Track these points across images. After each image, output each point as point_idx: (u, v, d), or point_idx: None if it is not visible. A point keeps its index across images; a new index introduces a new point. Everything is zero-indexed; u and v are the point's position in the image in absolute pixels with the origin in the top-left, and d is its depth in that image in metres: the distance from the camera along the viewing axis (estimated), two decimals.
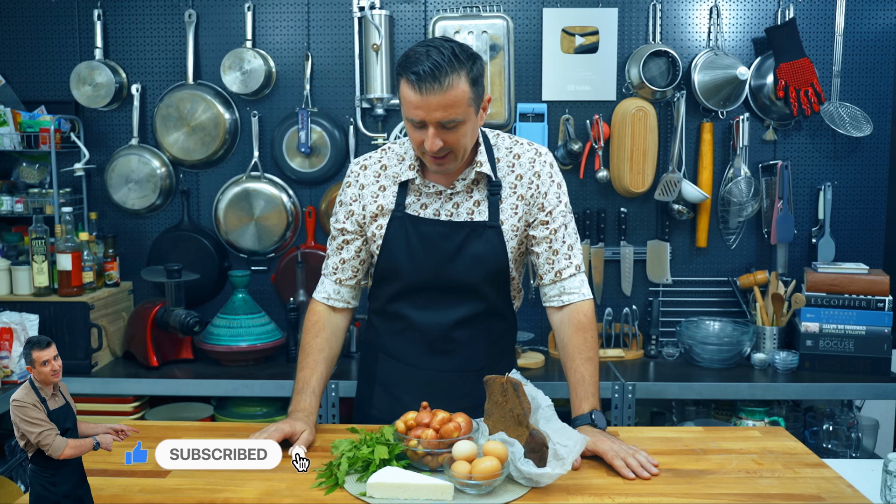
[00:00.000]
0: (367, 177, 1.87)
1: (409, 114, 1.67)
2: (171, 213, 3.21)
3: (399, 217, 1.82)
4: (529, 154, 1.85)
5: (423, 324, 1.85)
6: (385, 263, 1.84)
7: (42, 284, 2.82)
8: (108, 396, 2.80)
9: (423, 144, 1.68)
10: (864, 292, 2.84)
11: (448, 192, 1.82)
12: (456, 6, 3.08)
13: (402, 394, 1.87)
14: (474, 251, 1.80)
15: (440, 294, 1.83)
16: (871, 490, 1.59)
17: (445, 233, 1.80)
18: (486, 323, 1.88)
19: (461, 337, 1.85)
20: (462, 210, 1.81)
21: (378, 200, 1.84)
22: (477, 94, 1.68)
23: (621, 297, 3.15)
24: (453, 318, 1.84)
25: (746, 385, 2.74)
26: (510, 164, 1.83)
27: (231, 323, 2.89)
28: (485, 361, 1.89)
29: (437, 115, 1.63)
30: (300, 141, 3.04)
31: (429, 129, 1.65)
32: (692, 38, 3.08)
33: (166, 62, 3.15)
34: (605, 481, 1.53)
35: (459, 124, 1.66)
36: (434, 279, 1.82)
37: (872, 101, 3.08)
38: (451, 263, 1.80)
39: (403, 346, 1.89)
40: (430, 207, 1.82)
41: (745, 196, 3.02)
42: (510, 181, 1.83)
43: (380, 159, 1.88)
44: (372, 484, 1.45)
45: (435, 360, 1.87)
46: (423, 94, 1.61)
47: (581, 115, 3.09)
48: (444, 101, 1.61)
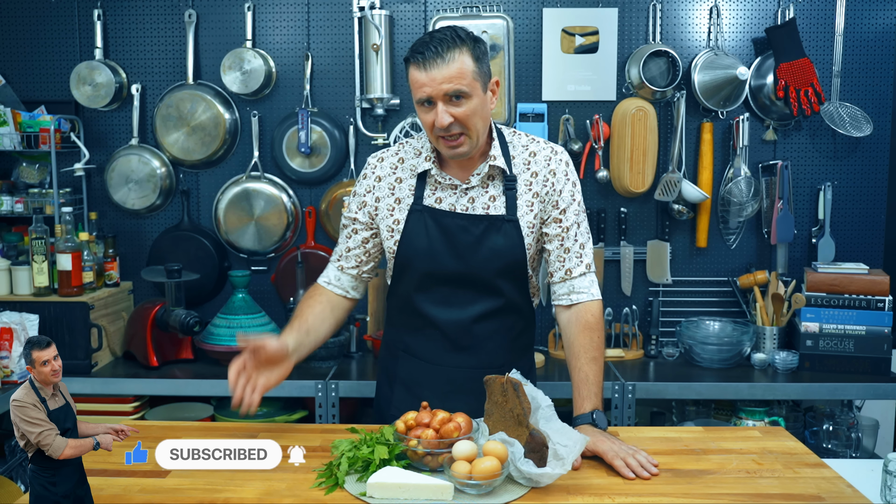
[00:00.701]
0: (383, 168, 1.89)
1: (417, 95, 1.72)
2: (171, 213, 3.21)
3: (418, 210, 1.83)
4: (546, 152, 1.86)
5: (443, 320, 1.85)
6: (404, 257, 1.85)
7: (42, 284, 2.82)
8: (108, 396, 2.80)
9: (435, 124, 1.72)
10: (864, 292, 2.84)
11: (463, 186, 1.83)
12: (456, 6, 3.08)
13: (424, 392, 1.86)
14: (492, 244, 1.81)
15: (459, 288, 1.84)
16: (871, 490, 1.59)
17: (464, 225, 1.81)
18: (506, 319, 1.88)
19: (481, 332, 1.86)
20: (478, 205, 1.83)
21: (395, 193, 1.86)
22: (481, 70, 1.74)
23: (621, 297, 3.15)
24: (473, 313, 1.84)
25: (746, 385, 2.74)
26: (526, 162, 1.85)
27: (231, 323, 2.89)
28: (506, 358, 1.89)
29: (443, 88, 1.68)
30: (300, 141, 3.04)
31: (437, 105, 1.70)
32: (692, 38, 3.08)
33: (166, 62, 3.15)
34: (605, 481, 1.53)
35: (466, 97, 1.71)
36: (453, 272, 1.82)
37: (872, 101, 3.08)
38: (470, 256, 1.81)
39: (424, 343, 1.89)
40: (445, 202, 1.83)
41: (745, 196, 3.02)
42: (526, 178, 1.84)
43: (397, 152, 1.91)
44: (372, 484, 1.45)
45: (456, 357, 1.87)
46: (427, 70, 1.68)
47: (581, 115, 3.09)
48: (448, 72, 1.68)
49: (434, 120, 1.71)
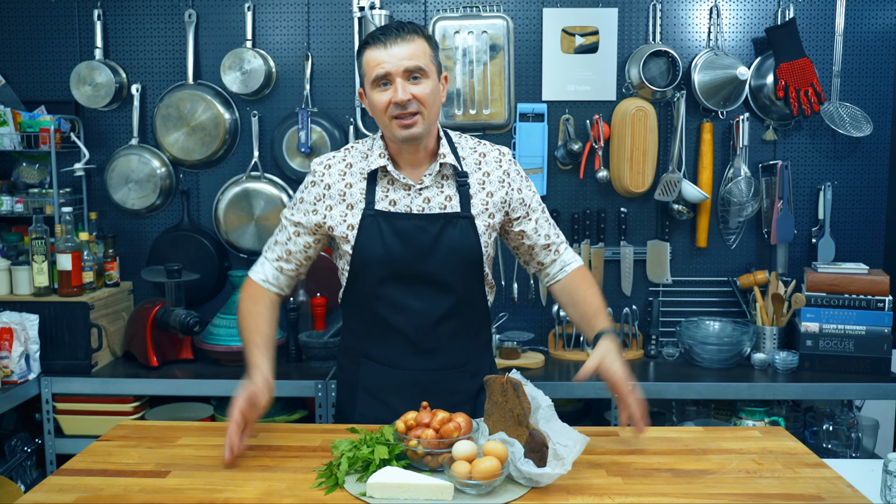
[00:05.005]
0: (331, 175, 1.87)
1: (374, 73, 1.75)
2: (171, 213, 3.21)
3: (371, 215, 1.82)
4: (494, 153, 1.92)
5: (405, 323, 1.85)
6: (360, 262, 1.84)
7: (42, 284, 2.82)
8: (108, 396, 2.80)
9: (391, 102, 1.74)
10: (864, 292, 2.84)
11: (417, 186, 1.84)
12: (456, 6, 3.08)
13: (389, 397, 1.87)
14: (450, 242, 1.82)
15: (419, 291, 1.83)
16: (871, 490, 1.59)
17: (421, 225, 1.81)
18: (466, 317, 1.90)
19: (445, 333, 1.86)
20: (434, 204, 1.84)
21: (346, 199, 1.85)
22: (436, 59, 1.81)
23: (621, 297, 3.15)
24: (436, 314, 1.84)
25: (746, 385, 2.74)
26: (476, 162, 1.89)
27: (231, 323, 2.89)
28: (468, 356, 1.91)
29: (404, 64, 1.73)
30: (300, 141, 3.04)
31: (395, 81, 1.74)
32: (692, 38, 3.08)
33: (166, 62, 3.15)
34: (605, 481, 1.54)
35: (423, 76, 1.76)
36: (412, 274, 1.82)
37: (872, 101, 3.08)
38: (428, 256, 1.82)
39: (386, 349, 1.88)
40: (399, 203, 1.83)
41: (745, 196, 3.02)
42: (478, 178, 1.88)
43: (344, 158, 1.90)
44: (372, 484, 1.45)
45: (420, 360, 1.87)
46: (387, 47, 1.74)
47: (581, 115, 3.09)
48: (408, 50, 1.74)
49: (391, 98, 1.74)
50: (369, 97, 1.79)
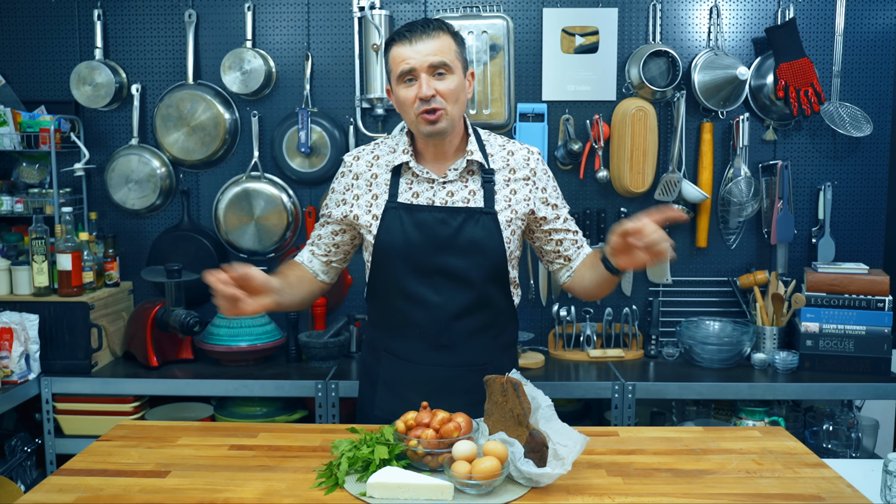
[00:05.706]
0: (359, 166, 1.93)
1: (399, 69, 1.77)
2: (171, 213, 3.21)
3: (393, 207, 1.85)
4: (523, 152, 1.92)
5: (421, 318, 1.85)
6: (381, 252, 1.86)
7: (42, 284, 2.82)
8: (108, 396, 2.80)
9: (416, 98, 1.76)
10: (864, 292, 2.84)
11: (441, 180, 1.85)
12: (456, 6, 3.08)
13: (407, 392, 1.87)
14: (471, 236, 1.82)
15: (437, 285, 1.84)
16: (871, 490, 1.59)
17: (442, 218, 1.82)
18: (486, 316, 1.89)
19: (461, 330, 1.86)
20: (458, 198, 1.85)
21: (372, 189, 1.89)
22: (461, 55, 1.82)
23: (621, 297, 3.15)
24: (452, 310, 1.84)
25: (746, 385, 2.74)
26: (504, 159, 1.90)
27: (231, 323, 2.89)
28: (487, 356, 1.90)
29: (429, 59, 1.75)
30: (300, 141, 3.04)
31: (421, 77, 1.75)
32: (692, 38, 3.08)
33: (166, 62, 3.15)
34: (605, 481, 1.54)
35: (448, 72, 1.77)
36: (431, 267, 1.83)
37: (872, 101, 3.08)
38: (448, 250, 1.82)
39: (405, 343, 1.90)
40: (422, 196, 1.85)
41: (745, 196, 3.02)
42: (504, 175, 1.88)
43: (372, 150, 1.95)
44: (372, 484, 1.45)
45: (437, 356, 1.87)
46: (413, 43, 1.76)
47: (581, 115, 3.09)
48: (433, 45, 1.76)
49: (416, 94, 1.76)
50: (395, 93, 1.82)
